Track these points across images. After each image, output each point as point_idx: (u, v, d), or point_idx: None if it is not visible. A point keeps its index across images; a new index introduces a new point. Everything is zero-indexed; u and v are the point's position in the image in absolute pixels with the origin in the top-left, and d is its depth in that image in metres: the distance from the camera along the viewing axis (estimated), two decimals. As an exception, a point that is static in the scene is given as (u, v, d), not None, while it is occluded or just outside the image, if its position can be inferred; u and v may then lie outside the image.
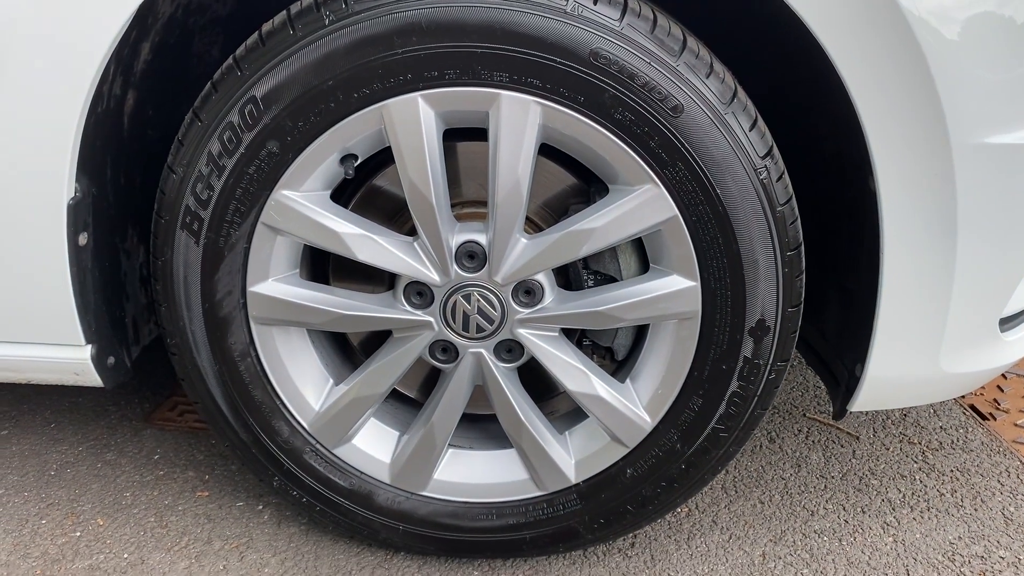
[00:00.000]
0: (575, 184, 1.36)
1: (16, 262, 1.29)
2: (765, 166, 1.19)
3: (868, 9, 1.11)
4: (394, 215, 1.39)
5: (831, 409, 1.92)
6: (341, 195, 1.35)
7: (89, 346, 1.36)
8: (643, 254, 1.32)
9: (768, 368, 1.29)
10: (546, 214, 1.39)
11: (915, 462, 1.75)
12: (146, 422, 1.91)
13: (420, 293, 1.30)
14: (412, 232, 1.29)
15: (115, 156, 1.38)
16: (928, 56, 1.12)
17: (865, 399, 1.35)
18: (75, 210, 1.27)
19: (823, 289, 1.52)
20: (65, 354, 1.36)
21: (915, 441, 1.81)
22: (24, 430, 1.88)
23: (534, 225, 1.38)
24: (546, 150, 1.27)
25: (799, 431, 1.85)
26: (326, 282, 1.44)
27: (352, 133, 1.20)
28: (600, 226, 1.23)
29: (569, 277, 1.37)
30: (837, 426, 1.87)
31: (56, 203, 1.24)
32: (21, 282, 1.30)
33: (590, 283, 1.36)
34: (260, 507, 1.63)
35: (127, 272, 1.48)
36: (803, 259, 1.26)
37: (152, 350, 1.57)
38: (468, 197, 1.37)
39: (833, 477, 1.70)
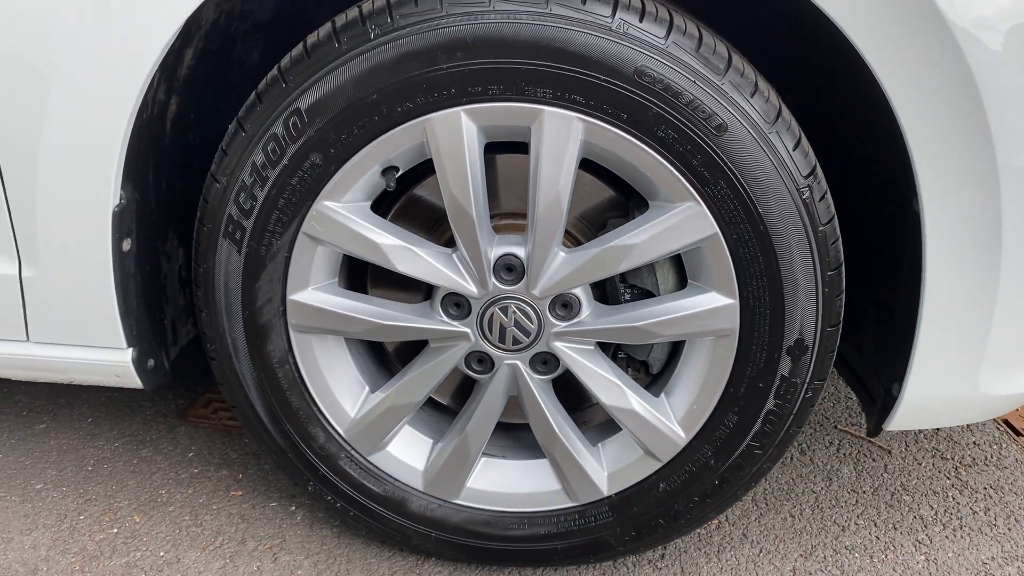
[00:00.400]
0: (613, 197, 1.36)
1: (62, 267, 1.31)
2: (808, 185, 1.18)
3: (915, 28, 1.10)
4: (433, 225, 1.40)
5: (863, 421, 1.91)
6: (381, 204, 1.36)
7: (130, 349, 1.38)
8: (681, 269, 1.32)
9: (805, 387, 1.29)
10: (583, 226, 1.39)
11: (948, 478, 1.73)
12: (180, 419, 1.93)
13: (458, 304, 1.31)
14: (450, 242, 1.30)
15: (157, 161, 1.40)
16: (976, 76, 1.11)
17: (902, 419, 1.34)
18: (120, 217, 1.29)
19: (859, 302, 1.51)
20: (107, 357, 1.38)
21: (948, 457, 1.80)
22: (62, 424, 1.92)
23: (571, 237, 1.38)
24: (584, 162, 1.27)
25: (830, 443, 1.84)
26: (364, 289, 1.45)
27: (395, 146, 1.21)
28: (640, 242, 1.22)
29: (606, 290, 1.37)
30: (869, 439, 1.85)
31: (102, 211, 1.26)
32: (66, 286, 1.33)
33: (627, 297, 1.36)
34: (293, 508, 1.65)
35: (167, 275, 1.50)
36: (843, 279, 1.25)
37: (187, 347, 1.59)
38: (506, 209, 1.37)
39: (865, 492, 1.69)
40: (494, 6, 1.13)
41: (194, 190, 1.47)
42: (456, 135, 1.18)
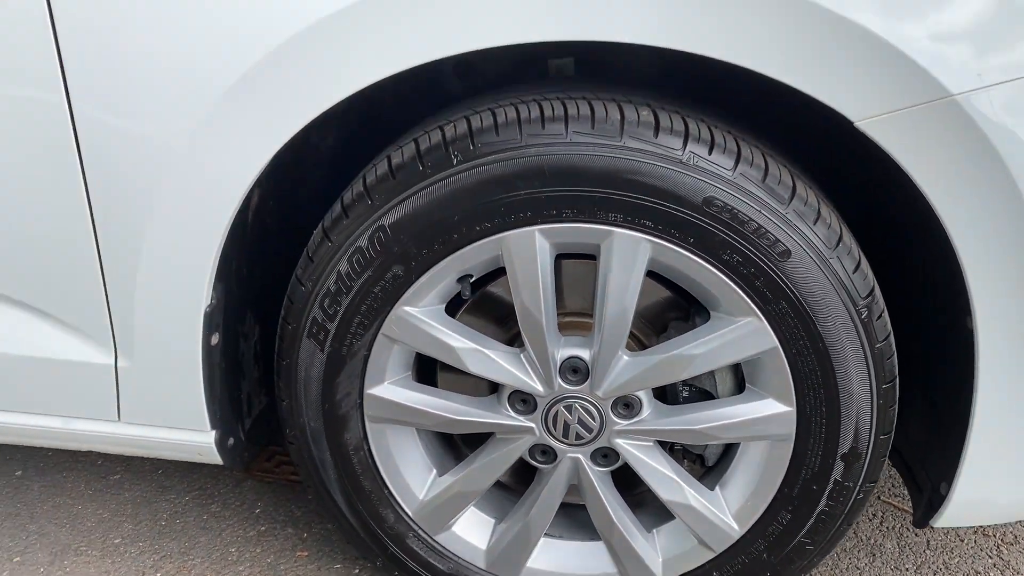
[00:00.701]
0: (673, 299, 1.41)
1: (154, 359, 1.40)
2: (866, 306, 1.24)
3: (972, 164, 1.14)
4: (502, 320, 1.46)
5: (906, 492, 1.96)
6: (452, 300, 1.43)
7: (213, 431, 1.47)
8: (739, 371, 1.38)
9: (857, 490, 1.34)
10: (643, 324, 1.45)
11: (989, 557, 1.78)
12: (246, 473, 2.02)
13: (524, 400, 1.38)
14: (517, 338, 1.37)
15: (240, 252, 1.48)
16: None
17: (949, 518, 1.39)
18: (210, 316, 1.37)
19: (908, 390, 1.55)
20: (192, 438, 1.47)
21: (990, 534, 1.84)
22: (135, 475, 2.02)
23: (632, 337, 1.44)
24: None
25: (874, 515, 1.89)
26: (433, 375, 1.52)
27: (471, 258, 1.28)
28: (702, 353, 1.29)
29: (665, 388, 1.43)
30: (913, 524, 1.89)
31: (195, 311, 1.35)
32: (157, 376, 1.42)
33: (684, 394, 1.42)
34: (356, 571, 1.73)
35: (244, 352, 1.59)
36: (897, 390, 1.31)
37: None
38: (570, 309, 1.43)
39: (907, 570, 1.74)
40: (571, 138, 1.19)
41: (271, 271, 1.56)
42: (530, 252, 1.25)
